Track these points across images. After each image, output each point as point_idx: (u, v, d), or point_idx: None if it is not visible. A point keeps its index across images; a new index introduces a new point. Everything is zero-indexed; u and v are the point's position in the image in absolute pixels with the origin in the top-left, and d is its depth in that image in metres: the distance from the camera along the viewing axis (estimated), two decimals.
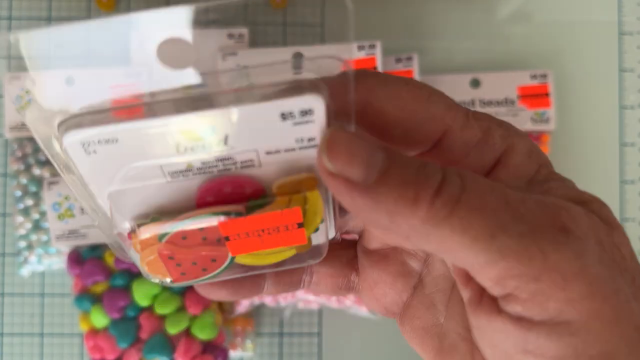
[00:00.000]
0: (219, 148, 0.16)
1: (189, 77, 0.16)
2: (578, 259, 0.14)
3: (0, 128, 0.50)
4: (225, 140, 0.16)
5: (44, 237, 0.48)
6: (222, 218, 0.17)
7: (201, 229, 0.17)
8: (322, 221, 0.18)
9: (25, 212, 0.48)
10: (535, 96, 0.49)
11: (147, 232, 0.18)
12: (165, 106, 0.16)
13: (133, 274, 0.45)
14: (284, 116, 0.16)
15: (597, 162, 0.53)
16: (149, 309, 0.44)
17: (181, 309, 0.44)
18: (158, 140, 0.16)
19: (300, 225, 0.17)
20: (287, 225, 0.17)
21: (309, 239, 0.19)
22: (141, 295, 0.44)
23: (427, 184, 0.15)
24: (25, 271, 0.49)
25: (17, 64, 0.55)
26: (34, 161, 0.48)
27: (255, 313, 0.51)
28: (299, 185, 0.17)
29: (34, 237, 0.48)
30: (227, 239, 0.18)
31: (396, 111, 0.17)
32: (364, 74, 0.17)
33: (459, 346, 0.18)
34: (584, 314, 0.14)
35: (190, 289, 0.45)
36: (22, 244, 0.48)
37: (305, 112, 0.16)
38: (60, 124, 0.16)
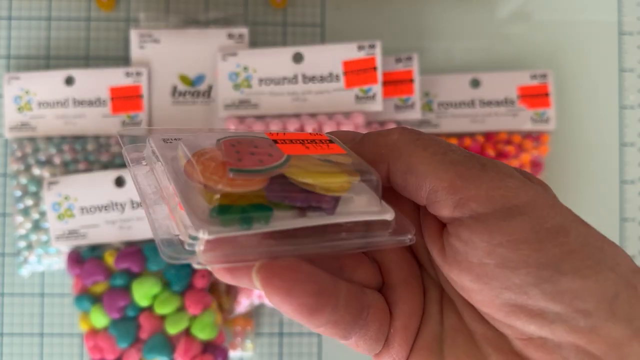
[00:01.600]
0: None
1: None
2: (504, 169, 0.18)
3: (0, 128, 0.50)
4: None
5: (44, 237, 0.48)
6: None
7: (251, 142, 0.20)
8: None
9: (25, 212, 0.48)
10: (535, 96, 0.49)
11: (208, 153, 0.19)
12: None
13: (133, 274, 0.45)
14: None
15: (597, 162, 0.53)
16: (149, 309, 0.44)
17: (181, 309, 0.44)
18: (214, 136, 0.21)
19: (329, 141, 0.21)
20: (320, 139, 0.21)
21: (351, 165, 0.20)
22: (141, 295, 0.44)
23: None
24: (25, 271, 0.49)
25: (17, 64, 0.55)
26: (33, 161, 0.48)
27: (255, 313, 0.51)
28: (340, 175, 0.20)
29: (33, 237, 0.48)
30: (275, 142, 0.20)
31: (402, 183, 0.20)
32: (390, 149, 0.20)
33: None
34: (524, 200, 0.17)
35: (191, 289, 0.45)
36: (22, 244, 0.48)
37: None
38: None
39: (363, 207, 0.19)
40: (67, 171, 0.48)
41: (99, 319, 0.44)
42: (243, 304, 0.47)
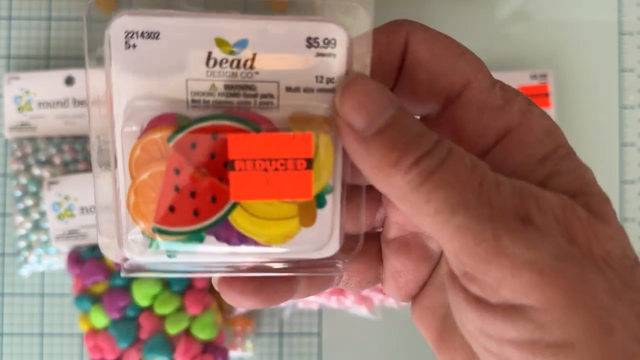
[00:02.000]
0: (245, 70, 0.17)
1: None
2: (530, 249, 0.15)
3: (0, 128, 0.50)
4: (253, 59, 0.17)
5: (44, 237, 0.48)
6: (240, 125, 0.17)
7: (215, 137, 0.17)
8: (329, 189, 0.18)
9: (25, 212, 0.48)
10: (535, 96, 0.49)
11: (158, 132, 0.17)
12: (207, 13, 0.17)
13: None
14: (309, 41, 0.17)
15: (597, 162, 0.52)
16: (149, 309, 0.44)
17: (181, 309, 0.44)
18: (193, 43, 0.17)
19: (310, 164, 0.17)
20: (296, 161, 0.17)
21: (313, 202, 0.18)
22: (141, 295, 0.44)
23: (412, 152, 0.16)
24: (25, 271, 0.49)
25: (17, 64, 0.55)
26: (33, 161, 0.48)
27: (255, 313, 0.51)
28: (313, 121, 0.18)
29: (33, 237, 0.48)
30: (232, 165, 0.17)
31: (427, 55, 0.18)
32: (407, 21, 0.19)
33: (458, 328, 0.19)
34: (538, 301, 0.15)
35: (190, 289, 0.45)
36: (22, 244, 0.48)
37: (329, 42, 0.17)
38: (113, 15, 0.17)
39: (303, 245, 0.18)
40: (67, 171, 0.48)
41: (99, 319, 0.44)
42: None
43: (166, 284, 0.45)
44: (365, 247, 0.21)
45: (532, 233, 0.15)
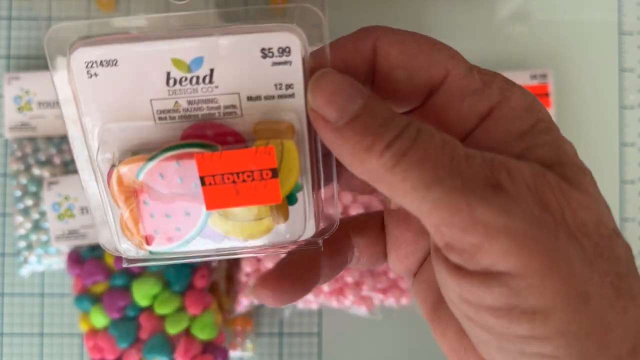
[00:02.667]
0: (205, 85, 0.18)
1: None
2: (503, 215, 0.15)
3: (0, 128, 0.50)
4: (211, 74, 0.18)
5: (44, 237, 0.48)
6: (199, 150, 0.18)
7: (178, 164, 0.18)
8: (299, 188, 0.19)
9: (25, 212, 0.48)
10: (535, 96, 0.49)
11: (127, 165, 0.18)
12: (161, 35, 0.18)
13: (133, 274, 0.45)
14: (264, 52, 0.18)
15: (597, 162, 0.52)
16: (149, 309, 0.44)
17: (181, 309, 0.44)
18: (151, 66, 0.18)
19: (275, 173, 0.18)
20: (262, 172, 0.18)
21: (284, 202, 0.19)
22: (141, 295, 0.44)
23: (383, 136, 0.16)
24: (25, 271, 0.49)
25: (17, 64, 0.55)
26: (33, 161, 0.48)
27: (255, 313, 0.51)
28: (277, 130, 0.18)
29: (33, 237, 0.48)
30: (202, 181, 0.18)
31: (400, 55, 0.19)
32: (374, 27, 0.19)
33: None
34: (513, 268, 0.15)
35: (191, 289, 0.45)
36: (22, 244, 0.48)
37: (283, 50, 0.18)
38: (71, 45, 0.18)
39: (280, 235, 0.20)
40: (67, 171, 0.48)
41: (99, 319, 0.44)
42: (243, 304, 0.47)
43: (166, 284, 0.45)
44: (371, 223, 0.22)
45: (504, 199, 0.15)
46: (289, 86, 0.18)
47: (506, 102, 0.18)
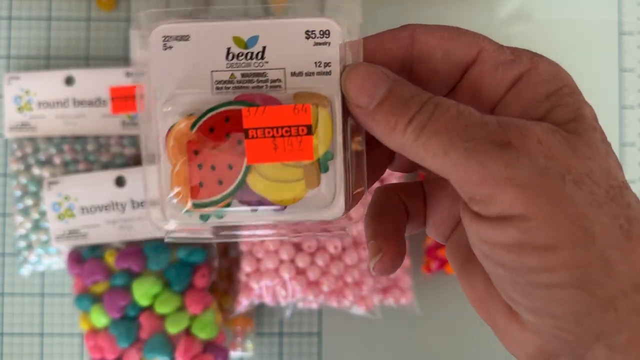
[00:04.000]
0: (257, 60, 0.22)
1: None
2: (509, 167, 0.18)
3: (0, 128, 0.50)
4: (263, 51, 0.22)
5: (44, 237, 0.48)
6: (242, 107, 0.21)
7: (227, 120, 0.21)
8: (330, 157, 0.21)
9: (25, 212, 0.48)
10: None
11: (184, 122, 0.21)
12: (225, 17, 0.22)
13: (133, 274, 0.45)
14: (307, 33, 0.21)
15: None
16: (149, 309, 0.44)
17: (181, 309, 0.45)
18: (216, 42, 0.22)
19: (309, 130, 0.21)
20: (298, 128, 0.21)
21: (316, 167, 0.21)
22: (141, 295, 0.44)
23: (404, 115, 0.19)
24: (25, 271, 0.49)
25: (17, 64, 0.55)
26: (33, 161, 0.48)
27: (255, 313, 0.51)
28: (314, 98, 0.21)
29: (33, 237, 0.48)
30: (246, 133, 0.21)
31: (437, 39, 0.22)
32: (410, 24, 0.22)
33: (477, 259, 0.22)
34: (522, 212, 0.18)
35: (191, 288, 0.45)
36: (22, 243, 0.48)
37: (324, 33, 0.21)
38: (151, 21, 0.22)
39: (311, 207, 0.22)
40: (67, 171, 0.48)
41: (99, 318, 0.44)
42: (243, 304, 0.47)
43: (166, 283, 0.45)
44: (414, 189, 0.25)
45: (512, 154, 0.18)
46: (327, 64, 0.21)
47: (535, 69, 0.21)
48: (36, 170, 0.48)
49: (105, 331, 0.44)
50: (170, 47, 0.22)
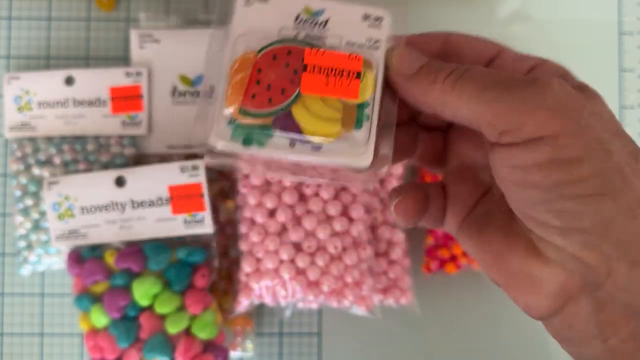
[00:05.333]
0: (320, 28, 0.26)
1: None
2: (540, 95, 0.21)
3: (0, 128, 0.50)
4: (326, 22, 0.26)
5: (44, 237, 0.48)
6: (303, 46, 0.25)
7: (289, 53, 0.25)
8: (367, 116, 0.25)
9: (25, 212, 0.48)
10: None
11: (251, 53, 0.25)
12: None
13: (133, 274, 0.45)
14: (365, 16, 0.26)
15: None
16: (149, 309, 0.44)
17: (181, 309, 0.45)
18: (289, 8, 0.26)
19: (358, 76, 0.24)
20: (349, 72, 0.24)
21: (354, 112, 0.25)
22: (141, 295, 0.44)
23: (442, 71, 0.23)
24: (25, 271, 0.49)
25: (17, 64, 0.55)
26: (33, 161, 0.48)
27: (255, 313, 0.51)
28: (364, 60, 0.25)
29: (33, 237, 0.48)
30: (305, 68, 0.24)
31: (465, 39, 0.27)
32: (441, 32, 0.27)
33: (488, 232, 0.25)
34: (551, 131, 0.20)
35: (191, 288, 0.45)
36: (22, 243, 0.48)
37: (377, 18, 0.26)
38: None
39: (344, 152, 0.25)
40: (67, 171, 0.48)
41: (99, 318, 0.44)
42: (243, 304, 0.47)
43: (166, 283, 0.45)
44: (434, 188, 0.28)
45: (538, 86, 0.21)
46: (376, 41, 0.26)
47: (544, 63, 0.25)
48: (36, 170, 0.48)
49: (105, 331, 0.44)
50: (252, 4, 0.26)
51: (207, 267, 0.46)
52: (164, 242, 0.46)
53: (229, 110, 0.24)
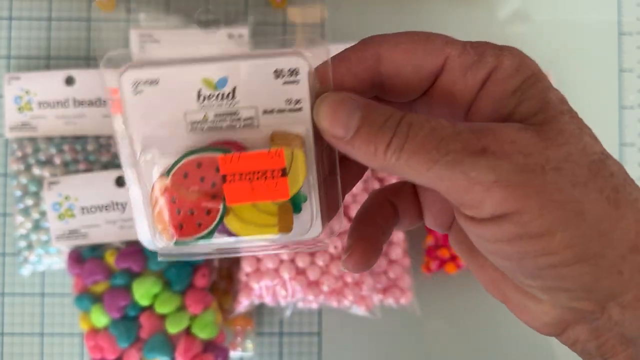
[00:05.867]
0: (228, 100, 0.22)
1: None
2: (491, 172, 0.19)
3: (1, 128, 0.50)
4: (234, 91, 0.22)
5: (44, 237, 0.48)
6: (219, 154, 0.21)
7: (199, 166, 0.22)
8: (304, 199, 0.22)
9: (25, 212, 0.48)
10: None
11: (161, 166, 0.22)
12: (194, 59, 0.22)
13: (133, 274, 0.45)
14: (277, 73, 0.22)
15: None
16: (150, 309, 0.44)
17: (181, 309, 0.45)
18: (186, 85, 0.22)
19: (284, 173, 0.21)
20: (273, 171, 0.21)
21: (290, 212, 0.22)
22: (141, 295, 0.44)
23: (382, 140, 0.20)
24: (25, 271, 0.49)
25: (17, 64, 0.55)
26: (34, 161, 0.48)
27: (255, 313, 0.51)
28: (288, 139, 0.22)
29: (34, 237, 0.48)
30: (224, 179, 0.21)
31: (403, 54, 0.22)
32: (373, 37, 0.22)
33: None
34: (512, 209, 0.19)
35: (191, 288, 0.45)
36: (22, 243, 0.48)
37: (293, 71, 0.22)
38: (122, 68, 0.22)
39: (291, 235, 0.23)
40: (68, 171, 0.48)
41: (100, 318, 0.44)
42: (243, 304, 0.47)
43: (167, 283, 0.45)
44: (405, 188, 0.26)
45: (491, 159, 0.19)
46: (297, 101, 0.22)
47: (500, 66, 0.21)
48: (36, 170, 0.48)
49: (105, 331, 0.44)
50: (141, 92, 0.22)
51: (207, 266, 0.46)
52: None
53: (162, 237, 0.23)
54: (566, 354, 0.24)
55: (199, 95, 0.22)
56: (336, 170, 0.23)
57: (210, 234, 0.22)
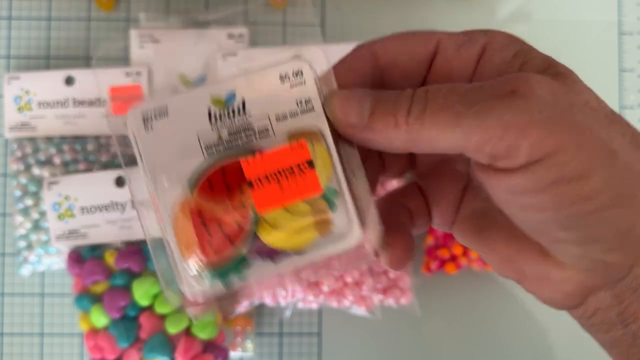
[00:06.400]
0: (240, 115, 0.22)
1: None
2: (526, 113, 0.18)
3: (0, 128, 0.50)
4: (243, 104, 0.22)
5: (44, 237, 0.48)
6: (235, 159, 0.21)
7: (223, 172, 0.21)
8: (335, 193, 0.21)
9: (25, 212, 0.48)
10: None
11: (183, 181, 0.21)
12: (199, 85, 0.22)
13: (133, 274, 0.45)
14: (282, 78, 0.22)
15: None
16: (149, 309, 0.44)
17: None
18: (195, 109, 0.21)
19: (311, 164, 0.21)
20: (299, 164, 0.20)
21: (325, 207, 0.21)
22: (141, 295, 0.44)
23: (401, 109, 0.20)
24: (25, 271, 0.49)
25: (17, 64, 0.55)
26: (33, 161, 0.48)
27: (255, 313, 0.51)
28: (305, 135, 0.22)
29: (33, 237, 0.48)
30: (251, 184, 0.20)
31: (396, 47, 0.23)
32: (362, 44, 0.23)
33: (489, 226, 0.23)
34: (549, 149, 0.18)
35: None
36: (22, 243, 0.48)
37: (297, 73, 0.22)
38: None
39: (331, 243, 0.22)
40: (67, 171, 0.48)
41: (99, 318, 0.44)
42: (243, 304, 0.47)
43: None
44: (411, 190, 0.26)
45: (522, 100, 0.18)
46: (307, 101, 0.22)
47: (492, 39, 0.22)
48: (36, 170, 0.48)
49: (105, 331, 0.44)
50: (152, 127, 0.21)
51: None
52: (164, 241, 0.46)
53: (192, 265, 0.21)
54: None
55: (210, 116, 0.22)
56: (361, 170, 0.22)
57: (243, 253, 0.21)
